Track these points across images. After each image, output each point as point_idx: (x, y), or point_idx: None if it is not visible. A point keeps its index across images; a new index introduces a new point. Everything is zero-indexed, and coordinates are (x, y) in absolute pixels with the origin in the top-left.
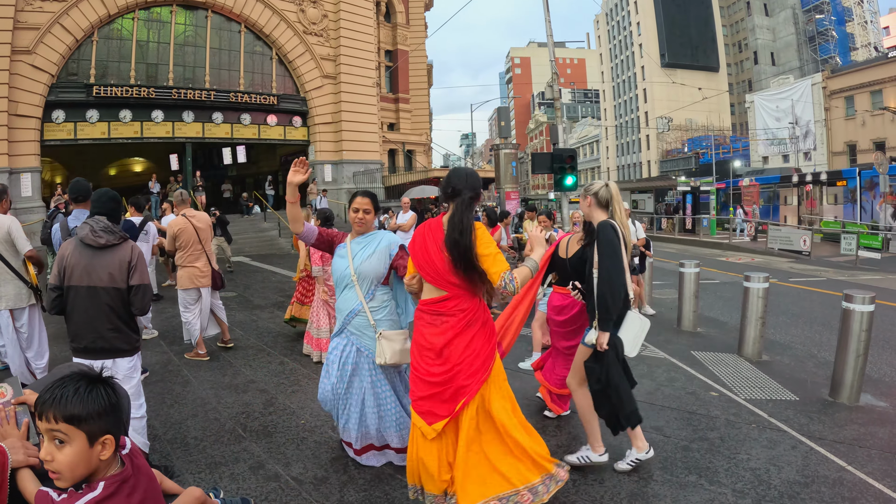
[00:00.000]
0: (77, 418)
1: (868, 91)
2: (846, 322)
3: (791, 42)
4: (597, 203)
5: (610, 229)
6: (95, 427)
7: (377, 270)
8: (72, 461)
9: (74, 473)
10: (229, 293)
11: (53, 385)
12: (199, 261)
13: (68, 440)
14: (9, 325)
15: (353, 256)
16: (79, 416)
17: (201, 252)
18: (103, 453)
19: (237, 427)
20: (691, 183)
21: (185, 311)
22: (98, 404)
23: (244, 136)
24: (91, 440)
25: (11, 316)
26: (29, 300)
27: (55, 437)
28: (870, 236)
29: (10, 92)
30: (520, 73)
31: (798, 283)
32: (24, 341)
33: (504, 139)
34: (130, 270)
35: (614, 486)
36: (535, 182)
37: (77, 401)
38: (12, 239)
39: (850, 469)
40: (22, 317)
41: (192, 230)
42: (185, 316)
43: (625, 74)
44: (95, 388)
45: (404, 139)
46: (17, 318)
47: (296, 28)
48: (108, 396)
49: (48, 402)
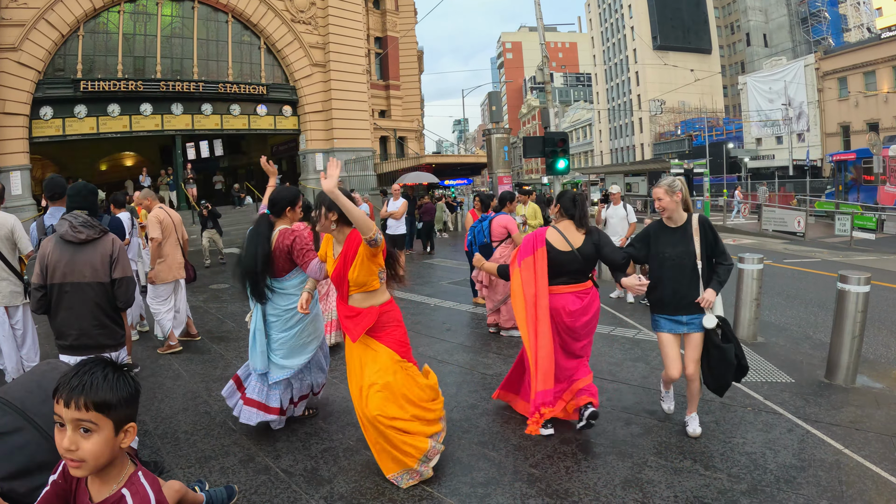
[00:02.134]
0: (107, 405)
1: (861, 72)
2: (841, 303)
3: (783, 23)
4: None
5: (709, 220)
6: (122, 414)
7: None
8: (98, 450)
9: (99, 462)
10: (222, 285)
11: (79, 372)
12: (178, 252)
13: (96, 429)
14: (4, 323)
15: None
16: (109, 403)
17: (177, 243)
18: (125, 441)
19: (227, 420)
20: (684, 165)
21: (158, 303)
22: (126, 391)
23: (234, 126)
24: (117, 428)
25: (7, 313)
26: (24, 298)
27: (81, 426)
28: (864, 217)
29: None
30: (511, 58)
31: (793, 265)
32: (18, 339)
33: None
34: (113, 264)
35: (608, 473)
36: (528, 167)
37: (107, 387)
38: (15, 238)
39: (846, 452)
40: (16, 314)
41: (170, 221)
42: (156, 308)
43: (617, 57)
44: (122, 375)
45: (396, 126)
46: (11, 315)
47: (283, 16)
48: (133, 383)
49: (77, 388)
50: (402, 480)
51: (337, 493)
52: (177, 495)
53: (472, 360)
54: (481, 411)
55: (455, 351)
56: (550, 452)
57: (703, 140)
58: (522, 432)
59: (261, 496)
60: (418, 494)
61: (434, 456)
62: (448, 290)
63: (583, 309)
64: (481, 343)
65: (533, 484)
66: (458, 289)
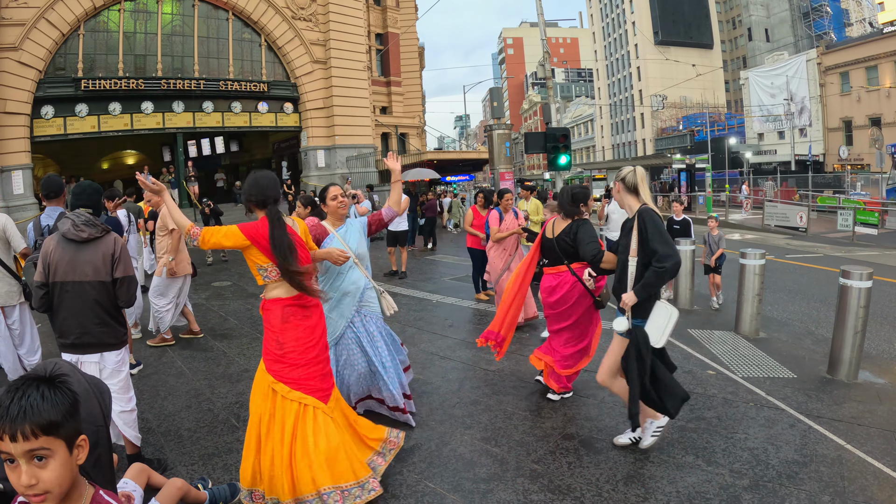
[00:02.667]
0: (55, 425)
1: (863, 67)
2: (844, 298)
3: (785, 18)
4: (625, 188)
5: (653, 214)
6: (71, 430)
7: (366, 248)
8: (59, 475)
9: (63, 488)
10: (224, 282)
11: (14, 398)
12: (184, 248)
13: (51, 454)
14: (0, 323)
15: (348, 242)
16: (56, 423)
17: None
18: (80, 457)
19: (231, 417)
20: (686, 160)
21: (161, 298)
22: (67, 403)
23: (235, 124)
24: (70, 446)
25: (3, 313)
26: (20, 297)
27: (34, 456)
28: (866, 212)
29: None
30: (512, 54)
31: (795, 260)
32: (16, 338)
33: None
34: (115, 263)
35: (610, 469)
36: (530, 162)
37: (49, 406)
38: (7, 237)
39: (848, 448)
40: (13, 314)
41: None
42: (158, 303)
43: (618, 53)
44: (57, 388)
45: (397, 122)
46: (7, 315)
47: (284, 13)
48: (70, 392)
49: (18, 417)
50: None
51: None
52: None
53: (475, 357)
54: (483, 407)
55: (457, 347)
56: (553, 448)
57: (704, 135)
58: (525, 428)
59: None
60: (421, 490)
61: None
62: (450, 287)
63: (558, 286)
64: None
65: (535, 479)
66: (460, 285)
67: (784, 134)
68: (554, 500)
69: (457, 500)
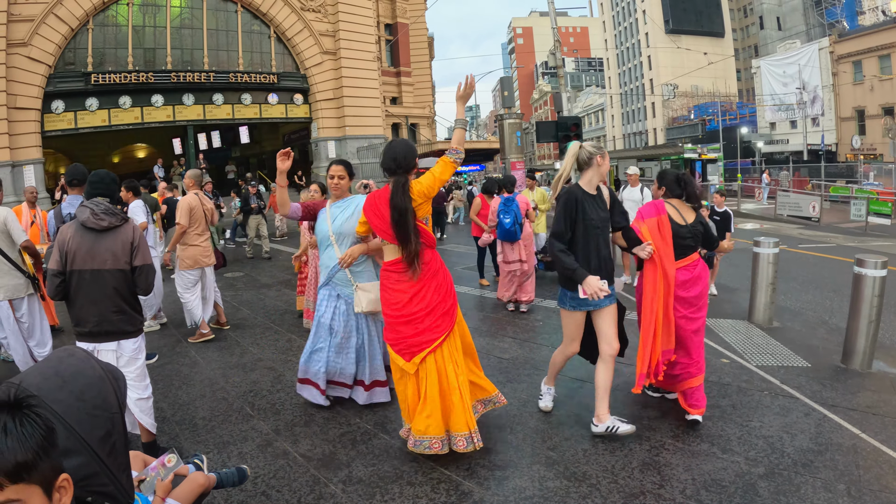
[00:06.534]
0: (25, 468)
1: (876, 55)
2: (858, 288)
3: (797, 6)
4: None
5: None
6: (47, 468)
7: (351, 229)
8: None
9: None
10: (237, 273)
11: None
12: (204, 239)
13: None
14: (9, 317)
15: (333, 220)
16: (27, 464)
17: (205, 230)
18: (64, 500)
19: (245, 406)
20: (697, 150)
21: (185, 292)
22: (38, 436)
23: (245, 116)
24: (48, 490)
25: (11, 307)
26: (27, 290)
27: None
28: (879, 202)
29: (7, 85)
30: (522, 43)
31: (808, 249)
32: (25, 331)
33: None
34: (133, 251)
35: (625, 456)
36: (541, 152)
37: (15, 444)
38: (8, 230)
39: (863, 437)
40: (21, 307)
41: (201, 210)
42: (185, 297)
43: (629, 41)
44: (24, 417)
45: (407, 113)
46: (16, 308)
47: (292, 4)
48: (40, 420)
49: None
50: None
51: (355, 477)
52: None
53: (488, 345)
54: None
55: (472, 335)
56: (568, 436)
57: (716, 124)
58: (540, 416)
59: (279, 480)
60: (436, 477)
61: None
62: (461, 275)
63: (693, 280)
64: (497, 327)
65: (551, 466)
66: (471, 273)
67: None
68: (570, 487)
69: (472, 487)
